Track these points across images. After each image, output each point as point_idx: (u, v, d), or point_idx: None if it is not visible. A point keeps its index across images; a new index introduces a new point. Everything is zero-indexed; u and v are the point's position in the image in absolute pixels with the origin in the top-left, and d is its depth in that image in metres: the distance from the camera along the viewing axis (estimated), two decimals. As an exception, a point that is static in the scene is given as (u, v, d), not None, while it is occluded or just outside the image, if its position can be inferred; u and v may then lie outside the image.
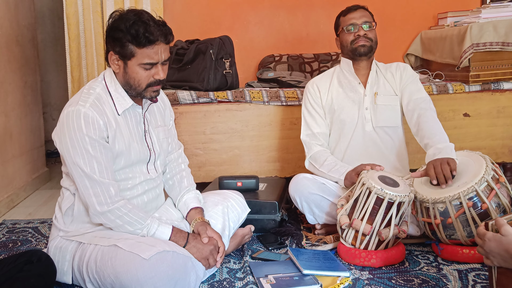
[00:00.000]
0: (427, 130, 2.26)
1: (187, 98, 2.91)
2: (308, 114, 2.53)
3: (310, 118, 2.52)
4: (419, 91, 2.43)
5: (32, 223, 2.76)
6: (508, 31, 2.94)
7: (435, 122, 2.29)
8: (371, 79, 2.47)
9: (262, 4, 3.68)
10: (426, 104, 2.37)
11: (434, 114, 2.34)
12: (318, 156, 2.43)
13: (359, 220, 2.01)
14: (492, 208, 1.94)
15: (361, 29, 2.41)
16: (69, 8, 3.33)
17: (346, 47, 2.46)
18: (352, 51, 2.43)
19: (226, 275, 1.97)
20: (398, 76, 2.48)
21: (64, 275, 1.85)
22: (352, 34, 2.42)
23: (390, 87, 2.47)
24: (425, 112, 2.33)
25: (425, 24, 3.73)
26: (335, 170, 2.33)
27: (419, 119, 2.32)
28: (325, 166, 2.38)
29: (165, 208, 2.04)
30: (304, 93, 2.58)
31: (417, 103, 2.38)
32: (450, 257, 2.04)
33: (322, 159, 2.41)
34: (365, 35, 2.40)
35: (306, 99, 2.55)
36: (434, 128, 2.26)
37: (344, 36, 2.45)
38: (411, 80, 2.46)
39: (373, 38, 2.43)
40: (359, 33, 2.40)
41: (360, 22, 2.41)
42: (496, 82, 3.04)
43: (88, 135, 1.73)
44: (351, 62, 2.47)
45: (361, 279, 1.90)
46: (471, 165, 2.05)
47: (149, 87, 1.82)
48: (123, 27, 1.74)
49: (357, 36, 2.40)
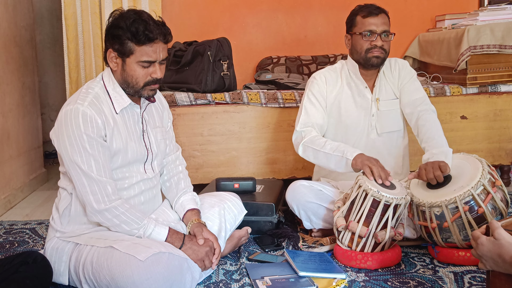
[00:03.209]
0: (425, 133, 2.24)
1: (185, 99, 2.91)
2: (309, 103, 2.38)
3: (311, 107, 2.37)
4: (417, 91, 2.39)
5: (29, 224, 2.75)
6: (505, 34, 2.96)
7: (433, 125, 2.26)
8: (378, 83, 2.41)
9: (260, 6, 3.69)
10: (425, 105, 2.34)
11: (434, 115, 2.31)
12: (315, 139, 2.28)
13: (355, 222, 2.01)
14: (489, 212, 1.94)
15: (379, 38, 2.28)
16: (67, 9, 3.33)
17: (359, 52, 2.33)
18: (364, 60, 2.33)
19: (222, 276, 1.98)
20: (396, 75, 2.43)
21: (61, 276, 1.85)
22: (368, 41, 2.29)
23: (391, 89, 2.43)
24: (423, 114, 2.30)
25: (423, 27, 3.74)
26: (341, 150, 2.16)
27: (417, 122, 2.30)
28: (328, 146, 2.21)
29: (162, 210, 2.05)
30: (310, 82, 2.43)
31: (416, 105, 2.35)
32: (446, 260, 2.04)
33: (321, 141, 2.25)
34: (381, 46, 2.29)
35: (311, 88, 2.40)
36: (431, 131, 2.23)
37: (359, 40, 2.32)
38: (408, 78, 2.42)
39: (388, 49, 2.33)
40: (376, 42, 2.28)
41: (380, 30, 2.28)
42: (493, 85, 3.05)
43: (86, 133, 1.74)
44: (358, 66, 2.38)
45: (357, 281, 1.91)
46: (467, 169, 2.05)
47: (146, 85, 1.84)
48: (123, 25, 1.76)
49: (373, 45, 2.28)
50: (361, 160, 2.10)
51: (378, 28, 2.29)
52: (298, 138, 2.35)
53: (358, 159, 2.11)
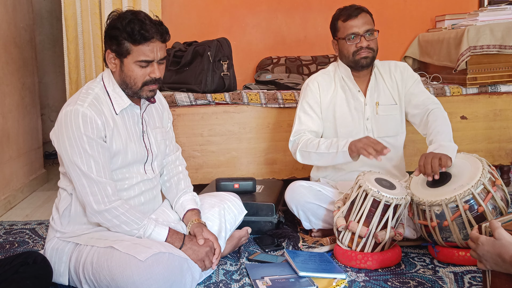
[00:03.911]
0: (435, 128, 2.23)
1: (185, 100, 2.91)
2: (303, 112, 2.40)
3: (305, 115, 2.39)
4: (423, 92, 2.40)
5: (30, 224, 2.76)
6: (505, 34, 2.96)
7: (444, 121, 2.25)
8: (371, 86, 2.40)
9: (260, 6, 3.69)
10: (434, 105, 2.34)
11: (444, 113, 2.30)
12: (309, 142, 2.29)
13: (355, 223, 2.01)
14: (489, 211, 1.94)
15: (364, 39, 2.28)
16: (67, 10, 3.33)
17: (346, 57, 2.34)
18: (354, 63, 2.33)
19: (222, 277, 1.98)
20: (398, 78, 2.42)
21: (61, 276, 1.85)
22: (353, 44, 2.29)
23: (390, 94, 2.41)
24: (435, 112, 2.29)
25: (423, 27, 3.74)
26: (335, 145, 2.20)
27: (428, 119, 2.29)
28: (322, 146, 2.24)
29: (162, 210, 2.05)
30: (303, 90, 2.45)
31: (426, 104, 2.34)
32: (446, 260, 2.04)
33: (315, 142, 2.27)
34: (368, 46, 2.29)
35: (305, 96, 2.42)
36: (441, 127, 2.22)
37: (344, 45, 2.32)
38: (412, 82, 2.41)
39: (375, 47, 2.32)
40: (362, 44, 2.28)
41: (362, 31, 2.28)
42: (493, 85, 3.05)
43: (86, 134, 1.75)
44: (350, 70, 2.38)
45: (357, 281, 1.91)
46: (467, 168, 2.05)
47: (145, 85, 1.84)
48: (119, 25, 1.77)
49: (359, 47, 2.28)
50: (355, 147, 2.13)
51: (360, 29, 2.28)
52: (293, 146, 2.38)
53: (352, 147, 2.14)
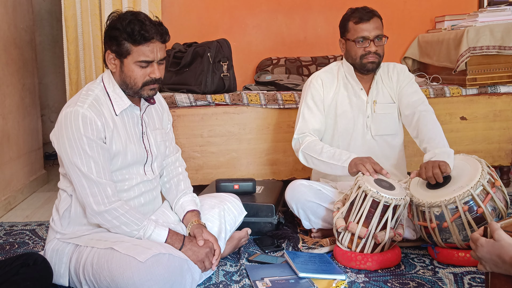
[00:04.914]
0: (426, 133, 2.24)
1: (185, 101, 2.92)
2: (306, 108, 2.41)
3: (308, 112, 2.40)
4: (416, 93, 2.40)
5: (30, 225, 2.76)
6: (505, 35, 2.96)
7: (434, 125, 2.26)
8: (373, 86, 2.41)
9: (260, 7, 3.69)
10: (424, 106, 2.35)
11: (433, 116, 2.32)
12: (312, 145, 2.31)
13: (355, 223, 2.01)
14: (488, 212, 1.94)
15: (373, 44, 2.29)
16: (67, 11, 3.33)
17: (353, 58, 2.35)
18: (360, 66, 2.34)
19: (222, 278, 1.98)
20: (395, 79, 2.44)
21: (61, 277, 1.86)
22: (362, 48, 2.30)
23: (388, 93, 2.43)
24: (424, 114, 2.30)
25: (423, 28, 3.74)
26: (337, 158, 2.21)
27: (418, 122, 2.29)
28: (324, 154, 2.26)
29: (161, 211, 2.05)
30: (307, 86, 2.45)
31: (415, 106, 2.35)
32: (446, 261, 2.04)
33: (318, 148, 2.29)
34: (375, 51, 2.30)
35: (308, 93, 2.42)
36: (433, 131, 2.23)
37: (353, 47, 2.33)
38: (407, 82, 2.43)
39: (382, 53, 2.34)
40: (370, 48, 2.29)
41: (372, 35, 2.29)
42: (493, 86, 3.05)
43: (86, 135, 1.75)
44: (353, 69, 2.39)
45: (357, 282, 1.91)
46: (467, 169, 2.06)
47: (145, 85, 1.84)
48: (119, 26, 1.77)
49: (367, 51, 2.30)
50: (354, 163, 2.15)
51: (371, 34, 2.30)
52: (296, 145, 2.41)
53: (352, 163, 2.16)
